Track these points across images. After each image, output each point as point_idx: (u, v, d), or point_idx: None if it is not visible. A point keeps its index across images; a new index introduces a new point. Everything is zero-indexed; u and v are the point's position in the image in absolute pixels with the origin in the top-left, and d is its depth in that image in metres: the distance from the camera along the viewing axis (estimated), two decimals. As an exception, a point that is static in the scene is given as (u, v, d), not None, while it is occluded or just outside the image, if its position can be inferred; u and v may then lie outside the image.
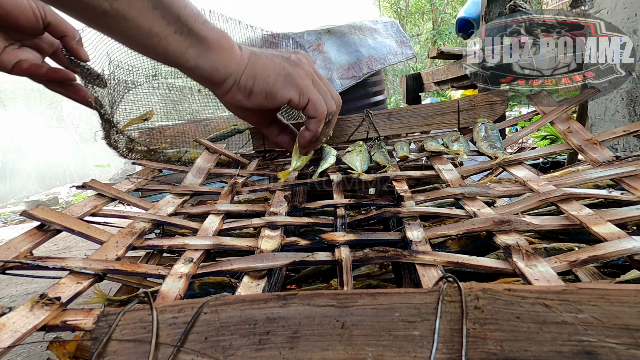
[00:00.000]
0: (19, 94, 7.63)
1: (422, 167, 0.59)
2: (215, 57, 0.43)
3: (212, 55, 0.43)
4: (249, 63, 0.46)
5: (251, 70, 0.46)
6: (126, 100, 0.75)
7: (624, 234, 0.33)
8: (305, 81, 0.49)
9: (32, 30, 0.50)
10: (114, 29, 0.38)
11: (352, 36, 1.29)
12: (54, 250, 1.38)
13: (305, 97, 0.49)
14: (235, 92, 0.47)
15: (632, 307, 0.21)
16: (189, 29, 0.40)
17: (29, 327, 0.25)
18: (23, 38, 0.52)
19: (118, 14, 0.36)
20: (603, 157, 0.50)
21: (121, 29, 0.38)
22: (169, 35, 0.39)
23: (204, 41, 0.42)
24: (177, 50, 0.41)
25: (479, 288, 0.23)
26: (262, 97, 0.48)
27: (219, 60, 0.44)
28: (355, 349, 0.21)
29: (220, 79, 0.45)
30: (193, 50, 0.42)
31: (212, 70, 0.44)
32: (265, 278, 0.33)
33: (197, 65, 0.43)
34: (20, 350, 0.66)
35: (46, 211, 0.39)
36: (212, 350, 0.22)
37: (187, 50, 0.41)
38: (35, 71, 0.51)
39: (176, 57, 0.42)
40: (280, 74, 0.47)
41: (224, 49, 0.44)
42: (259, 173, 0.64)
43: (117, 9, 0.36)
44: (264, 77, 0.47)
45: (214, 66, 0.44)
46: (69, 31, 0.54)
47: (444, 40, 7.45)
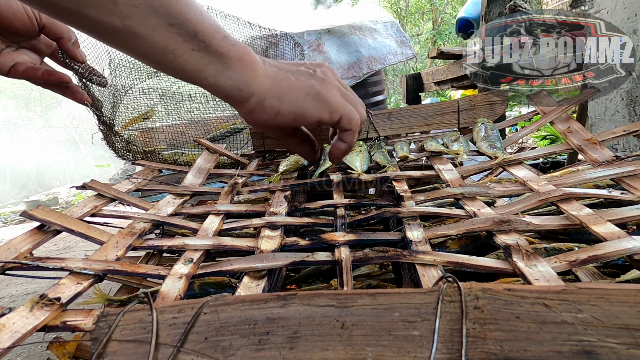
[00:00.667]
0: (19, 94, 7.63)
1: (422, 167, 0.59)
2: (237, 76, 0.41)
3: (233, 74, 0.41)
4: (274, 82, 0.44)
5: (278, 90, 0.44)
6: (127, 100, 0.75)
7: (623, 234, 0.33)
8: (336, 96, 0.47)
9: (27, 33, 0.50)
10: (126, 46, 0.37)
11: (352, 36, 1.29)
12: (54, 250, 1.38)
13: (337, 113, 0.47)
14: (260, 112, 0.44)
15: (632, 307, 0.21)
16: (207, 46, 0.38)
17: (29, 327, 0.25)
18: (19, 40, 0.51)
19: (130, 31, 0.35)
20: (603, 157, 0.50)
21: (134, 46, 0.36)
22: (185, 52, 0.37)
23: (224, 58, 0.40)
24: (195, 68, 0.39)
25: (478, 288, 0.23)
26: (290, 118, 0.45)
27: (240, 79, 0.41)
28: (355, 349, 0.21)
29: (243, 98, 0.43)
30: (212, 68, 0.40)
31: (234, 89, 0.42)
32: (265, 278, 0.33)
33: (216, 83, 0.41)
34: (20, 351, 0.66)
35: (46, 211, 0.39)
36: (212, 351, 0.22)
37: (206, 68, 0.39)
38: (31, 74, 0.51)
39: (194, 75, 0.40)
40: (309, 94, 0.45)
41: (246, 66, 0.42)
42: (259, 173, 0.64)
43: (129, 26, 0.34)
44: (292, 97, 0.44)
45: (235, 85, 0.42)
46: (65, 33, 0.54)
47: (444, 40, 7.45)
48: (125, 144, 0.73)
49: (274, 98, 0.44)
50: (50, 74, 0.53)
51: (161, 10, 0.35)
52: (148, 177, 0.58)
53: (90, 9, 0.33)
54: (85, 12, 0.33)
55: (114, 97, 0.73)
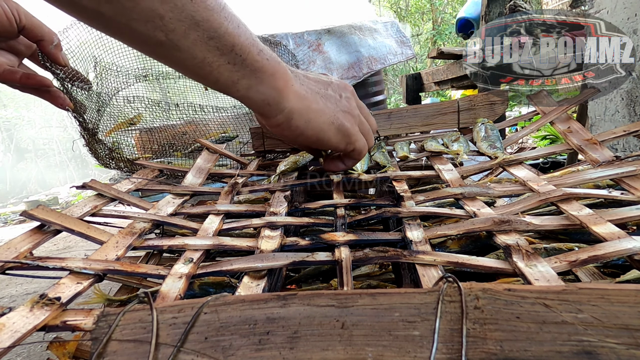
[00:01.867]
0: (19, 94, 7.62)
1: (422, 167, 0.59)
2: (268, 91, 0.41)
3: (265, 89, 0.41)
4: (304, 103, 0.44)
5: (306, 113, 0.44)
6: (112, 105, 0.73)
7: (624, 234, 0.33)
8: (354, 129, 0.49)
9: (5, 34, 0.48)
10: (166, 57, 0.37)
11: (352, 36, 1.29)
12: (54, 250, 1.38)
13: (352, 145, 0.49)
14: (285, 128, 0.45)
15: (632, 307, 0.21)
16: (243, 60, 0.39)
17: (29, 327, 0.25)
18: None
19: (172, 44, 0.35)
20: (603, 157, 0.50)
21: (174, 58, 0.37)
22: (221, 65, 0.38)
23: (258, 73, 0.40)
24: (229, 81, 0.39)
25: (478, 288, 0.23)
26: (311, 141, 0.47)
27: (271, 95, 0.42)
28: (355, 349, 0.21)
29: (272, 113, 0.43)
30: (245, 82, 0.40)
31: (264, 104, 0.42)
32: (265, 278, 0.33)
33: (247, 95, 0.41)
34: (20, 350, 0.66)
35: (46, 211, 0.39)
36: (212, 351, 0.22)
37: (240, 81, 0.40)
38: (8, 77, 0.49)
39: (227, 87, 0.40)
40: (333, 123, 0.46)
41: (278, 82, 0.42)
42: (259, 173, 0.64)
43: (172, 39, 0.35)
44: (318, 123, 0.45)
45: (266, 100, 0.42)
46: (46, 35, 0.51)
47: (444, 40, 7.45)
48: (109, 152, 0.71)
49: (301, 119, 0.44)
50: (29, 77, 0.51)
51: (203, 25, 0.35)
52: (148, 177, 0.58)
53: (140, 23, 0.33)
54: (134, 26, 0.33)
55: (98, 102, 0.70)
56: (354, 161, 0.54)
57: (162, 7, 0.33)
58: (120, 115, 0.74)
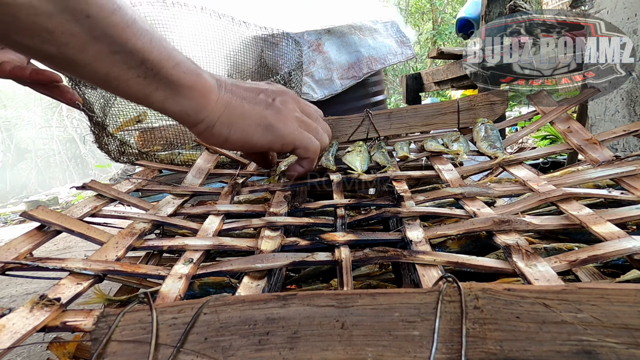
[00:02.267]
0: (19, 94, 7.63)
1: (422, 167, 0.59)
2: (185, 102, 0.41)
3: (182, 100, 0.40)
4: (225, 110, 0.43)
5: (227, 119, 0.44)
6: (119, 101, 0.74)
7: (623, 234, 0.33)
8: (290, 128, 0.47)
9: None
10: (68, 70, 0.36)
11: (352, 36, 1.29)
12: (54, 250, 1.38)
13: (291, 144, 0.48)
14: (209, 136, 0.45)
15: (632, 306, 0.21)
16: (156, 73, 0.38)
17: (29, 328, 0.25)
18: None
19: (68, 58, 0.33)
20: (603, 157, 0.50)
21: (75, 71, 0.36)
22: (130, 79, 0.37)
23: (173, 85, 0.39)
24: (140, 93, 0.38)
25: (478, 288, 0.23)
26: (238, 145, 0.46)
27: (189, 106, 0.41)
28: (355, 349, 0.21)
29: (191, 122, 0.43)
30: (160, 94, 0.39)
31: (182, 114, 0.42)
32: (265, 278, 0.33)
33: (164, 107, 0.41)
34: (20, 351, 0.66)
35: (46, 212, 0.39)
36: (212, 351, 0.22)
37: (153, 94, 0.39)
38: (18, 74, 0.50)
39: (139, 99, 0.39)
40: (260, 124, 0.46)
41: (197, 94, 0.41)
42: (259, 173, 0.64)
43: (66, 53, 0.33)
44: (242, 126, 0.45)
45: (184, 111, 0.41)
46: None
47: (444, 40, 7.45)
48: (119, 145, 0.72)
49: (223, 126, 0.44)
50: (39, 73, 0.51)
51: (104, 40, 0.34)
52: (148, 177, 0.59)
53: (24, 37, 0.31)
54: (17, 39, 0.31)
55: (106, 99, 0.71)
56: (307, 161, 0.52)
57: (51, 22, 0.31)
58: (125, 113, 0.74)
